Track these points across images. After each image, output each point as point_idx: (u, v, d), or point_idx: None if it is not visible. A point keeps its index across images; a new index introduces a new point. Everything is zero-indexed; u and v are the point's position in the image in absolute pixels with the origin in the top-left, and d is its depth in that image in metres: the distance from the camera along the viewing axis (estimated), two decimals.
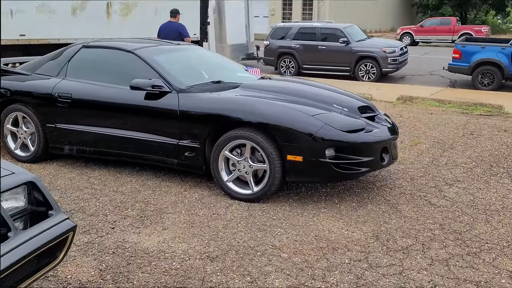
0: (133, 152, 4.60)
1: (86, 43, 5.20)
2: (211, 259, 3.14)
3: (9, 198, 2.10)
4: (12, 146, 5.13)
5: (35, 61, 5.39)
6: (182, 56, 5.30)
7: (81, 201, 4.07)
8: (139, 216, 3.79)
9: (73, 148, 4.87)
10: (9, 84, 5.10)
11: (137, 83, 4.37)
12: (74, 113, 4.78)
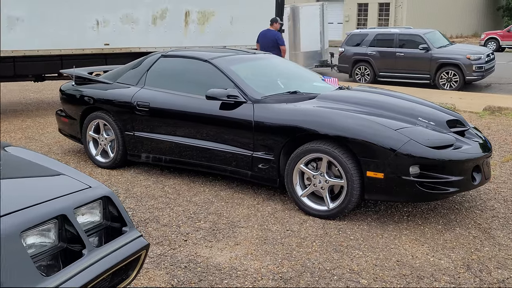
0: (207, 162, 4.56)
1: (164, 52, 5.27)
2: (285, 281, 2.97)
3: (85, 212, 2.08)
4: (93, 152, 5.30)
5: (117, 70, 5.55)
6: (258, 66, 5.22)
7: (155, 210, 4.08)
8: (212, 229, 3.72)
9: (149, 156, 4.94)
10: (92, 93, 5.28)
11: (213, 93, 4.33)
12: (151, 122, 4.84)
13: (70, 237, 1.94)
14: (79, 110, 5.33)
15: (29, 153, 2.47)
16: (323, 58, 15.15)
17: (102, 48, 8.37)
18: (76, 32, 7.93)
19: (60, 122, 5.71)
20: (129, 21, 8.64)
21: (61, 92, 5.64)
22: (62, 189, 2.05)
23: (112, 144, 5.18)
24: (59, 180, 2.15)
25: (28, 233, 1.78)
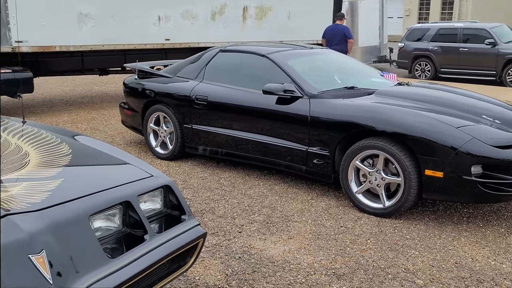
0: (262, 156, 4.62)
1: (223, 47, 5.37)
2: (338, 277, 2.97)
3: (147, 200, 2.18)
4: (153, 143, 5.50)
5: (177, 64, 5.71)
6: (315, 61, 5.20)
7: (211, 201, 4.18)
8: (266, 222, 3.77)
9: (206, 148, 5.06)
10: (153, 86, 5.47)
11: (269, 87, 4.37)
12: (208, 115, 4.96)
13: (133, 222, 2.04)
14: (141, 103, 5.54)
15: (96, 142, 2.61)
16: (382, 54, 14.80)
17: (163, 43, 8.64)
18: (139, 28, 8.23)
19: (123, 114, 5.97)
20: (189, 16, 8.85)
21: (124, 85, 5.88)
22: (127, 177, 2.16)
23: (171, 136, 5.35)
24: (124, 169, 2.26)
25: (95, 217, 1.90)
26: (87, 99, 9.38)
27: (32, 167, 2.09)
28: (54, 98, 9.43)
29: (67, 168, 2.14)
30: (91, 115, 7.80)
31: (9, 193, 1.80)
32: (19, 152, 2.24)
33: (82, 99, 9.36)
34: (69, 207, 1.81)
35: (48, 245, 1.62)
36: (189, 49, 8.80)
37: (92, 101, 9.16)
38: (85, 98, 9.42)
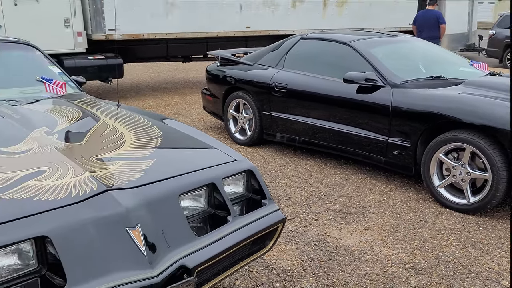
0: (340, 145, 4.59)
1: (304, 35, 5.36)
2: (416, 271, 2.91)
3: (231, 183, 2.27)
4: (232, 129, 5.66)
5: (258, 52, 5.80)
6: (399, 49, 5.04)
7: (288, 188, 4.24)
8: (342, 211, 3.76)
9: (284, 136, 5.12)
10: (234, 73, 5.61)
11: (350, 76, 4.32)
12: (287, 103, 5.00)
13: (218, 204, 2.14)
14: (222, 90, 5.71)
15: (183, 126, 2.75)
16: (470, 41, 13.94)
17: (243, 31, 8.78)
18: (222, 16, 8.42)
19: (204, 100, 6.18)
20: (270, 4, 8.90)
21: (207, 72, 6.08)
22: (213, 161, 2.26)
23: (250, 122, 5.47)
24: (210, 152, 2.37)
25: (184, 196, 2.02)
26: (170, 84, 9.79)
27: (127, 147, 2.25)
28: (140, 83, 9.95)
29: (158, 149, 2.29)
30: (174, 100, 8.14)
31: (109, 170, 1.96)
32: (116, 133, 2.43)
33: (166, 84, 9.79)
34: (161, 186, 1.94)
35: (142, 219, 1.76)
36: (269, 37, 8.87)
37: (175, 87, 9.55)
38: (169, 84, 9.85)
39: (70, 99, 3.07)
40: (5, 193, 1.71)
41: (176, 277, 1.75)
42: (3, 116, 2.50)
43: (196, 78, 10.63)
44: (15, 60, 3.35)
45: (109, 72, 7.49)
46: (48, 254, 1.61)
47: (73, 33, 7.18)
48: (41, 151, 2.08)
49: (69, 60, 7.07)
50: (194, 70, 11.72)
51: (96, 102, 3.06)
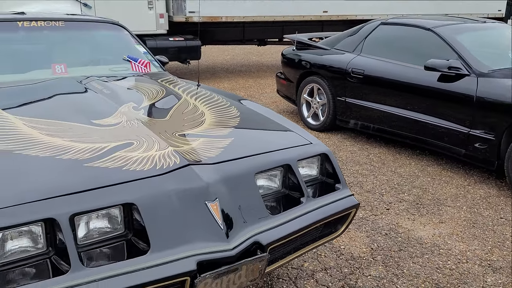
0: (416, 134, 4.44)
1: (384, 20, 5.20)
2: (494, 269, 2.78)
3: (305, 165, 2.29)
4: (305, 114, 5.65)
5: (335, 36, 5.71)
6: (487, 36, 4.75)
7: (359, 175, 4.19)
8: (415, 202, 3.66)
9: (357, 123, 5.03)
10: (309, 57, 5.58)
11: (433, 63, 4.15)
12: (363, 89, 4.90)
13: (291, 185, 2.17)
14: (297, 74, 5.70)
15: (260, 107, 2.80)
16: None
17: (320, 15, 8.67)
18: (298, 0, 8.36)
19: (278, 83, 6.21)
20: None
21: (282, 56, 6.09)
22: (289, 142, 2.29)
23: (323, 108, 5.43)
24: (286, 134, 2.40)
25: (259, 175, 2.07)
26: (245, 68, 9.92)
27: (207, 125, 2.34)
28: (216, 65, 10.17)
29: (236, 129, 2.35)
30: (248, 83, 8.25)
31: (190, 146, 2.05)
32: (197, 112, 2.52)
33: (241, 67, 9.93)
34: (239, 163, 2.00)
35: (221, 194, 1.83)
36: (346, 22, 8.70)
37: (249, 70, 9.67)
38: (243, 67, 9.98)
39: (154, 77, 3.22)
40: (97, 161, 1.85)
41: (250, 252, 1.81)
42: (95, 91, 2.68)
43: (270, 62, 10.67)
44: (105, 39, 3.56)
45: (188, 54, 7.72)
46: (134, 220, 1.73)
47: (156, 15, 7.47)
48: (129, 125, 2.21)
49: (151, 41, 7.37)
50: (268, 54, 11.77)
51: (178, 81, 3.19)
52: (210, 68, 9.79)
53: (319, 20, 8.80)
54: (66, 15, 3.58)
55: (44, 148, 1.93)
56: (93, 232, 1.69)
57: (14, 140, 1.99)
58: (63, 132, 2.10)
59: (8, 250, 1.55)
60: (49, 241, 1.61)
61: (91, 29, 3.49)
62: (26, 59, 3.14)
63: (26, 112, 2.37)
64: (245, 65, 10.30)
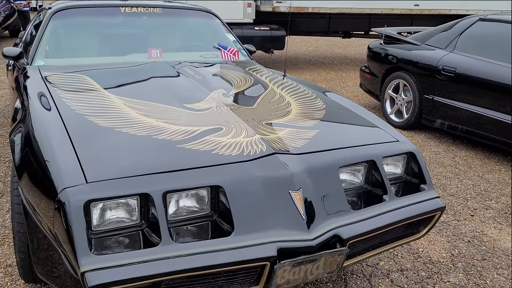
0: (509, 139, 4.16)
1: (483, 16, 4.90)
2: None
3: (390, 163, 2.24)
4: (388, 110, 5.50)
5: (426, 32, 5.48)
6: None
7: (443, 178, 4.02)
8: (504, 211, 3.45)
9: (444, 123, 4.81)
10: (396, 52, 5.40)
11: None
12: (453, 88, 4.67)
13: (375, 182, 2.14)
14: (382, 68, 5.55)
15: (346, 101, 2.77)
16: None
17: (410, 8, 8.33)
18: None
19: (362, 77, 6.08)
20: None
21: (368, 49, 5.95)
22: (374, 138, 2.25)
23: (408, 105, 5.25)
24: (371, 130, 2.36)
25: (343, 169, 2.06)
26: (327, 60, 9.81)
27: (293, 115, 2.36)
28: (298, 56, 10.16)
29: (321, 121, 2.35)
30: (330, 75, 8.16)
31: (276, 135, 2.09)
32: (283, 102, 2.56)
33: (323, 59, 9.84)
34: (323, 156, 2.01)
35: (305, 185, 1.85)
36: (438, 16, 8.30)
37: (332, 62, 9.55)
38: (326, 59, 9.88)
39: (242, 65, 3.30)
40: (189, 143, 1.95)
41: (329, 244, 1.82)
42: (187, 76, 2.80)
43: (354, 55, 10.46)
44: (198, 27, 3.69)
45: (272, 43, 7.78)
46: (220, 202, 1.80)
47: (244, 4, 7.59)
48: (218, 111, 2.29)
49: (237, 30, 7.50)
50: (352, 47, 11.54)
51: (265, 71, 3.24)
52: (293, 58, 9.80)
53: (409, 14, 8.47)
54: (164, 2, 3.75)
55: (141, 127, 2.06)
56: (181, 210, 1.79)
57: (115, 118, 2.14)
58: (158, 113, 2.22)
59: (107, 219, 1.69)
60: (142, 215, 1.73)
61: (186, 16, 3.64)
62: (125, 43, 3.34)
63: (125, 92, 2.53)
64: (328, 57, 10.19)
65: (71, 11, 3.35)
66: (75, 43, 3.29)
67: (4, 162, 3.81)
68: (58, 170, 1.72)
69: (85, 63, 3.06)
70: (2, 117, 4.99)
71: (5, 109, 5.29)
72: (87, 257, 1.53)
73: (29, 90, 2.57)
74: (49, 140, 1.91)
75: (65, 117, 2.11)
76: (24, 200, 1.93)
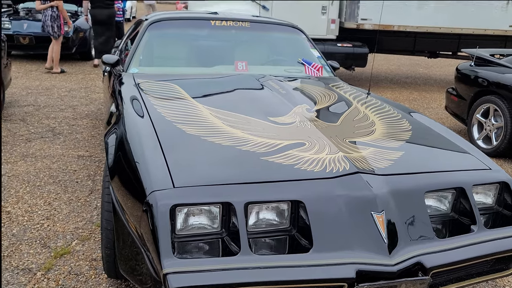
0: None
1: None
2: None
3: (480, 192, 2.11)
4: (475, 135, 5.20)
5: None
6: None
7: None
8: None
9: None
10: (488, 75, 5.11)
11: None
12: None
13: (462, 210, 2.03)
14: (471, 91, 5.27)
15: (433, 123, 2.66)
16: None
17: (505, 29, 7.87)
18: (480, 12, 7.71)
19: (448, 99, 5.81)
20: None
21: (457, 71, 5.69)
22: (464, 164, 2.14)
23: (498, 131, 4.93)
24: (461, 155, 2.25)
25: (429, 195, 1.97)
26: (410, 79, 9.50)
27: (378, 135, 2.31)
28: (380, 74, 9.93)
29: (407, 143, 2.28)
30: (413, 95, 7.89)
31: (360, 154, 2.05)
32: (367, 120, 2.51)
33: (406, 79, 9.54)
34: (409, 179, 1.94)
35: (388, 207, 1.79)
36: None
37: (415, 82, 9.24)
38: (408, 79, 9.57)
39: (326, 82, 3.29)
40: (272, 156, 1.97)
41: (411, 272, 1.74)
42: (271, 90, 2.84)
43: (439, 76, 10.05)
44: (284, 41, 3.74)
45: (354, 60, 7.68)
46: (299, 217, 1.79)
47: (328, 20, 7.57)
48: (302, 126, 2.30)
49: (320, 45, 7.46)
50: (437, 67, 11.09)
51: (348, 88, 3.20)
52: (374, 76, 9.60)
53: (503, 35, 8.00)
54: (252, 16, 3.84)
55: (226, 137, 2.11)
56: (261, 222, 1.80)
57: (202, 127, 2.22)
58: (243, 124, 2.27)
59: (190, 224, 1.74)
60: (223, 223, 1.76)
61: (273, 31, 3.70)
62: (213, 55, 3.46)
63: (212, 102, 2.61)
64: (411, 76, 9.86)
65: (165, 23, 3.53)
66: (167, 53, 3.46)
67: (94, 161, 4.07)
68: (148, 173, 1.81)
69: (174, 72, 3.21)
70: (95, 119, 5.34)
71: (98, 111, 5.67)
72: (170, 260, 1.58)
73: (123, 95, 2.73)
74: (140, 144, 2.02)
75: (156, 123, 2.22)
76: (114, 199, 2.04)
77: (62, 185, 3.57)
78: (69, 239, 2.82)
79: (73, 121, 5.23)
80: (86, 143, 4.54)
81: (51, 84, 7.04)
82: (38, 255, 2.64)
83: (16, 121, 5.10)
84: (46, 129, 4.89)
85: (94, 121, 5.28)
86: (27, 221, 3.01)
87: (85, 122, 5.20)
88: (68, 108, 5.74)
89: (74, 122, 5.19)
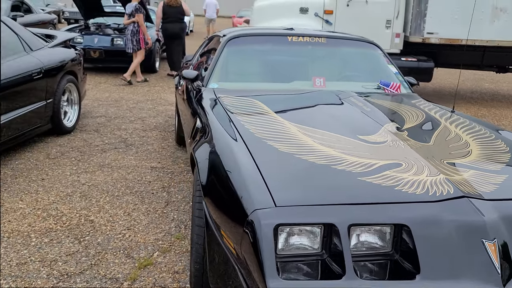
0: None
1: None
2: None
3: None
4: None
5: None
6: None
7: None
8: None
9: None
10: None
11: None
12: None
13: None
14: None
15: None
16: None
17: None
18: None
19: None
20: None
21: None
22: None
23: None
24: None
25: None
26: (476, 95, 9.15)
27: (475, 157, 2.21)
28: (444, 89, 9.63)
29: (509, 166, 2.16)
30: (481, 112, 7.58)
31: (462, 176, 1.96)
32: (460, 141, 2.41)
33: (472, 94, 9.19)
34: None
35: (500, 235, 1.69)
36: None
37: (481, 97, 8.88)
38: (474, 94, 9.22)
39: (406, 98, 3.20)
40: (369, 177, 1.92)
41: None
42: (354, 106, 2.79)
43: (507, 91, 9.62)
44: (361, 57, 3.69)
45: (418, 75, 7.45)
46: (402, 241, 1.73)
47: (392, 34, 7.44)
48: (395, 145, 2.23)
49: None
50: (505, 82, 10.62)
51: (431, 105, 3.10)
52: (437, 91, 9.31)
53: None
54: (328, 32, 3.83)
55: (319, 156, 2.09)
56: (361, 245, 1.75)
57: (293, 144, 2.20)
58: (333, 143, 2.24)
59: (291, 244, 1.72)
60: (323, 244, 1.72)
61: (350, 46, 3.66)
62: (291, 71, 3.46)
63: (296, 118, 2.60)
64: (476, 91, 9.49)
65: (243, 39, 3.58)
66: (245, 69, 3.50)
67: (167, 173, 4.16)
68: (247, 192, 1.80)
69: (253, 88, 3.23)
70: (163, 131, 5.48)
71: (165, 123, 5.81)
72: (275, 280, 1.56)
73: (207, 111, 2.77)
74: (235, 162, 2.02)
75: (247, 139, 2.22)
76: (208, 215, 2.05)
77: (138, 196, 3.66)
78: (151, 250, 2.87)
79: (143, 132, 5.38)
80: (158, 154, 4.65)
81: (119, 96, 7.31)
82: (123, 265, 2.70)
83: (90, 131, 5.31)
84: (118, 140, 5.06)
85: (163, 133, 5.41)
86: (109, 230, 3.10)
87: (155, 134, 5.34)
88: (137, 120, 5.92)
89: (144, 133, 5.34)
